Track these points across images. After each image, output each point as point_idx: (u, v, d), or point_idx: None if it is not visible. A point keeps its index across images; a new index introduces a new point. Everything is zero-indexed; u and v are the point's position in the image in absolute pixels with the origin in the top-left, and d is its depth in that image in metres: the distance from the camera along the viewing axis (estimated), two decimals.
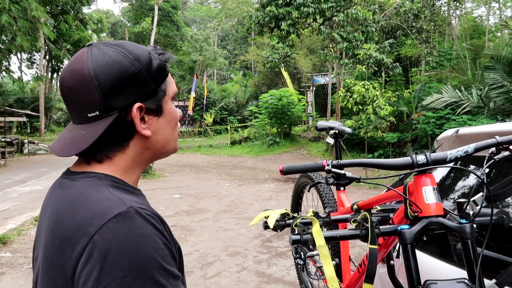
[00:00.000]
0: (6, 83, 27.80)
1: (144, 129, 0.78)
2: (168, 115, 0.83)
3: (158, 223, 0.70)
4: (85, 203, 0.70)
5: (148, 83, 0.77)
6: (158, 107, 0.80)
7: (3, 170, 13.87)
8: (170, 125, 0.84)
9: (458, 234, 1.07)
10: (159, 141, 0.83)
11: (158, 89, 0.80)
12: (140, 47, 0.80)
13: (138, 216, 0.67)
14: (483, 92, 10.75)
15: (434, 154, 1.14)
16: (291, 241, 1.13)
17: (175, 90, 0.86)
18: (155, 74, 0.79)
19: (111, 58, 0.75)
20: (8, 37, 14.80)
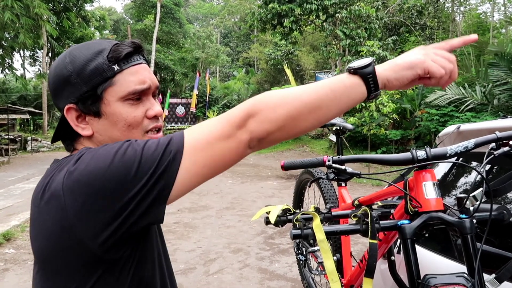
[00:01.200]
0: (9, 81, 27.92)
1: (83, 128, 0.82)
2: (111, 117, 0.80)
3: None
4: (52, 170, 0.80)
5: (79, 85, 0.78)
6: (93, 108, 0.80)
7: (6, 168, 13.95)
8: (115, 127, 0.81)
9: (458, 229, 1.08)
10: (107, 142, 0.80)
11: (91, 91, 0.79)
12: (90, 46, 0.81)
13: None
14: (487, 89, 10.70)
15: (434, 150, 1.14)
16: (291, 236, 1.13)
17: (129, 91, 0.80)
18: (88, 76, 0.78)
19: (57, 61, 0.82)
20: (11, 35, 14.85)
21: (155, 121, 0.85)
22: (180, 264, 4.43)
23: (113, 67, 0.79)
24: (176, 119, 26.85)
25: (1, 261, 4.67)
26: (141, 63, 0.84)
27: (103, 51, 0.80)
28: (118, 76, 0.80)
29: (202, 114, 27.34)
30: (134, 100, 0.81)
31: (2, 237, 5.41)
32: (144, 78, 0.82)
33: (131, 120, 0.81)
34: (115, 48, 0.80)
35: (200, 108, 27.24)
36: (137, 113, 0.81)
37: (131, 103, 0.81)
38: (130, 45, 0.82)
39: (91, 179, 0.68)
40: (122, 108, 0.80)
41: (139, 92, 0.81)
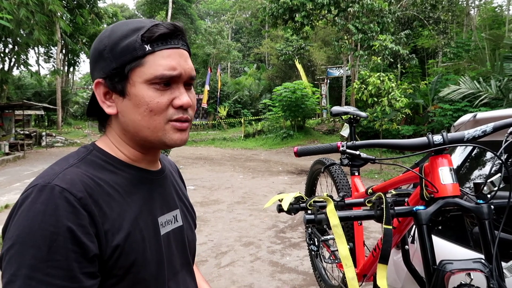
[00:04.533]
0: (25, 77, 28.34)
1: (108, 106, 0.80)
2: (134, 99, 0.77)
3: (71, 209, 0.68)
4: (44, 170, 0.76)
5: (110, 61, 0.76)
6: (119, 87, 0.77)
7: (22, 162, 14.19)
8: (137, 110, 0.77)
9: (475, 215, 1.06)
10: (129, 124, 0.79)
11: (119, 69, 0.76)
12: (128, 23, 0.79)
13: (49, 193, 0.68)
14: (502, 83, 10.49)
15: (451, 134, 1.12)
16: (305, 221, 1.13)
17: (157, 74, 0.76)
18: (119, 53, 0.76)
19: (100, 33, 0.81)
20: (26, 31, 15.05)
21: (181, 112, 0.80)
22: None
23: (144, 47, 0.75)
24: None
25: None
26: (178, 47, 0.79)
27: (141, 29, 0.76)
28: (149, 57, 0.76)
29: (213, 109, 27.43)
30: (161, 86, 0.77)
31: None
32: (175, 64, 0.77)
33: (153, 106, 0.76)
34: (152, 28, 0.76)
35: (211, 104, 27.32)
36: (161, 100, 0.77)
37: (157, 87, 0.76)
38: (168, 26, 0.77)
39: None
40: (147, 92, 0.76)
41: (167, 78, 0.77)
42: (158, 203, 0.86)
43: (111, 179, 0.78)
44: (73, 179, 0.72)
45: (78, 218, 0.68)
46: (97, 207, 0.72)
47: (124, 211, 0.77)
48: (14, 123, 18.58)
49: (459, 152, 1.73)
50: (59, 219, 0.66)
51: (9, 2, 12.07)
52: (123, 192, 0.78)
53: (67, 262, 0.66)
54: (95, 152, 0.81)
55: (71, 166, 0.75)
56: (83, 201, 0.70)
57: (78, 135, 24.51)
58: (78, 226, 0.67)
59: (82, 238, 0.67)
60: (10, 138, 17.35)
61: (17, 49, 16.87)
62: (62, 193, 0.68)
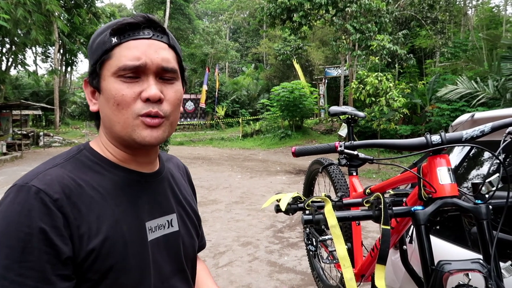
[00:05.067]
0: (22, 77, 28.26)
1: (93, 104, 0.81)
2: (105, 93, 0.76)
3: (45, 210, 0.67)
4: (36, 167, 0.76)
5: (90, 59, 0.78)
6: (95, 83, 0.78)
7: (19, 162, 14.15)
8: (107, 104, 0.75)
9: (473, 215, 1.06)
10: (105, 120, 0.79)
11: (95, 66, 0.77)
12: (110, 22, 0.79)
13: (25, 194, 0.68)
14: (499, 83, 10.52)
15: (449, 134, 1.12)
16: (303, 221, 1.12)
17: (120, 65, 0.73)
18: (94, 50, 0.77)
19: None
20: (23, 31, 15.00)
21: (151, 105, 0.75)
22: None
23: (111, 39, 0.74)
24: (186, 114, 26.95)
25: None
26: (149, 38, 0.76)
27: (115, 24, 0.76)
28: (116, 50, 0.74)
29: (211, 109, 27.41)
30: (128, 78, 0.74)
31: None
32: (139, 54, 0.74)
33: (119, 99, 0.74)
34: (121, 21, 0.75)
35: (210, 104, 27.30)
36: (127, 92, 0.74)
37: (123, 80, 0.74)
38: (136, 18, 0.76)
39: None
40: (113, 85, 0.74)
41: (131, 69, 0.73)
42: (147, 207, 0.82)
43: (96, 180, 0.76)
44: (52, 179, 0.70)
45: (52, 219, 0.67)
46: (74, 209, 0.70)
47: (104, 214, 0.74)
48: (11, 123, 18.53)
49: (457, 152, 1.73)
50: (33, 220, 0.66)
51: (6, 1, 12.03)
52: (106, 194, 0.75)
53: (40, 264, 0.65)
54: (85, 152, 0.80)
55: (55, 166, 0.74)
56: (59, 202, 0.68)
57: (76, 135, 24.45)
58: (51, 228, 0.66)
59: (55, 240, 0.66)
60: (7, 138, 17.29)
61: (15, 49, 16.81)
62: (38, 194, 0.67)
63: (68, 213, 0.69)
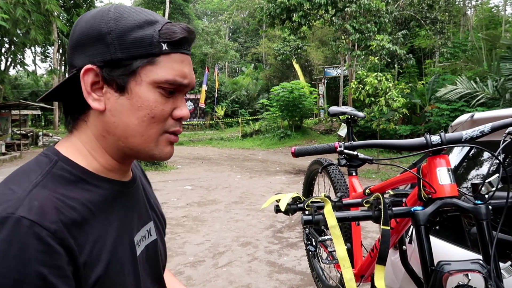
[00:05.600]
0: (21, 77, 28.26)
1: (94, 99, 0.66)
2: (136, 99, 0.66)
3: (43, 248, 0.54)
4: (1, 187, 0.61)
5: (114, 48, 0.65)
6: (120, 81, 0.66)
7: (18, 162, 14.15)
8: (137, 112, 0.66)
9: (473, 215, 1.06)
10: (118, 127, 0.67)
11: (127, 61, 0.65)
12: (142, 12, 0.69)
13: (13, 229, 0.53)
14: (499, 83, 10.53)
15: (449, 134, 1.12)
16: (303, 222, 1.12)
17: (167, 78, 0.67)
18: (130, 43, 0.65)
19: (95, 12, 0.68)
20: (23, 31, 14.99)
21: (179, 124, 0.72)
22: (189, 257, 4.45)
23: (161, 45, 0.66)
24: None
25: None
26: (188, 54, 0.71)
27: (156, 23, 0.67)
28: (163, 58, 0.67)
29: (211, 109, 27.41)
30: (166, 92, 0.68)
31: None
32: (187, 72, 0.70)
33: (157, 112, 0.67)
34: (170, 27, 0.67)
35: (209, 104, 27.31)
36: (165, 107, 0.68)
37: (163, 93, 0.68)
38: (186, 29, 0.69)
39: None
40: (153, 95, 0.67)
41: (177, 85, 0.69)
42: (134, 220, 0.75)
43: (85, 197, 0.64)
44: (42, 206, 0.57)
45: (53, 258, 0.54)
46: (73, 238, 0.58)
47: (102, 238, 0.64)
48: (10, 123, 18.51)
49: (456, 152, 1.73)
50: (27, 263, 0.52)
51: (6, 1, 12.02)
52: (98, 212, 0.65)
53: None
54: (61, 164, 0.66)
55: (36, 186, 0.60)
56: (58, 234, 0.56)
57: None
58: (52, 269, 0.54)
59: (56, 285, 0.54)
60: (6, 138, 17.27)
61: (14, 48, 16.81)
62: (31, 228, 0.54)
63: (70, 246, 0.57)
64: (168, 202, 7.28)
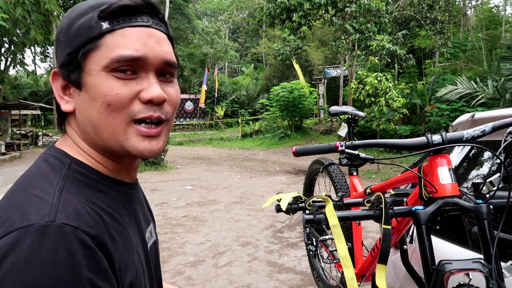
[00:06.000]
0: (21, 77, 28.23)
1: (66, 102, 0.64)
2: (90, 90, 0.60)
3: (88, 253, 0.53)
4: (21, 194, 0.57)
5: (65, 45, 0.62)
6: (74, 77, 0.61)
7: (18, 162, 14.14)
8: (93, 104, 0.60)
9: (474, 215, 1.06)
10: (87, 124, 0.63)
11: (74, 55, 0.61)
12: (87, 2, 0.63)
13: (60, 236, 0.51)
14: (499, 83, 10.54)
15: (450, 134, 1.12)
16: (304, 221, 1.12)
17: (114, 56, 0.59)
18: (73, 34, 0.60)
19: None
20: (22, 31, 15.00)
21: (151, 109, 0.62)
22: (189, 257, 4.45)
23: (101, 24, 0.59)
24: (185, 114, 26.96)
25: None
26: (147, 26, 0.62)
27: (103, 4, 0.60)
28: (107, 38, 0.59)
29: (211, 109, 27.41)
30: (124, 74, 0.60)
31: None
32: (139, 44, 0.60)
33: (111, 98, 0.59)
34: (114, 2, 0.60)
35: (209, 104, 27.30)
36: (122, 90, 0.60)
37: (118, 76, 0.60)
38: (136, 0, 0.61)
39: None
40: (105, 81, 0.59)
41: (128, 61, 0.60)
42: (142, 222, 0.73)
43: (103, 201, 0.62)
44: (77, 211, 0.55)
45: (98, 262, 0.53)
46: (111, 242, 0.57)
47: (126, 241, 0.63)
48: (10, 122, 18.52)
49: (457, 152, 1.73)
50: (75, 270, 0.50)
51: (5, 1, 12.02)
52: (117, 216, 0.63)
53: None
54: (75, 166, 0.63)
55: (62, 192, 0.57)
56: (98, 239, 0.55)
57: None
58: (98, 273, 0.53)
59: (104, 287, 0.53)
60: (6, 138, 17.27)
61: (13, 48, 16.81)
62: (74, 235, 0.52)
63: (109, 250, 0.56)
64: (168, 202, 7.28)
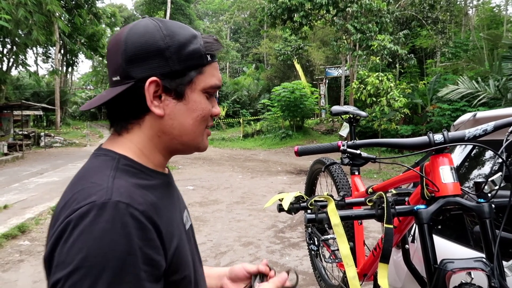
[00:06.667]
0: (23, 77, 28.31)
1: (156, 106, 0.76)
2: (191, 104, 0.78)
3: (138, 225, 0.65)
4: (80, 184, 0.70)
5: (173, 62, 0.75)
6: (178, 89, 0.77)
7: (20, 162, 14.17)
8: (191, 114, 0.79)
9: (476, 214, 1.06)
10: (175, 127, 0.78)
11: (184, 72, 0.76)
12: (184, 28, 0.79)
13: (113, 210, 0.64)
14: (500, 83, 10.51)
15: (451, 133, 1.12)
16: (306, 220, 1.13)
17: (212, 84, 0.80)
18: (185, 56, 0.76)
19: (145, 29, 0.76)
20: (24, 31, 15.02)
21: (213, 119, 0.86)
22: None
23: (207, 57, 0.79)
24: None
25: (17, 253, 4.75)
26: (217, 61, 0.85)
27: (197, 37, 0.79)
28: (207, 67, 0.80)
29: None
30: (209, 95, 0.81)
31: (17, 229, 5.49)
32: (220, 76, 0.84)
33: (206, 113, 0.81)
34: (207, 40, 0.81)
35: None
36: (209, 107, 0.82)
37: (207, 96, 0.81)
38: (217, 42, 0.82)
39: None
40: (202, 99, 0.80)
41: (215, 89, 0.82)
42: (179, 206, 0.87)
43: (148, 186, 0.75)
44: (128, 191, 0.68)
45: (146, 233, 0.65)
46: (157, 218, 0.69)
47: (169, 218, 0.76)
48: (12, 123, 18.57)
49: (459, 151, 1.73)
50: (128, 238, 0.63)
51: (8, 2, 12.05)
52: (159, 198, 0.76)
53: (139, 283, 0.63)
54: (123, 160, 0.76)
55: (115, 179, 0.70)
56: (146, 213, 0.67)
57: (76, 135, 24.47)
58: (147, 242, 0.65)
59: (151, 255, 0.65)
60: (8, 138, 17.32)
61: (16, 49, 16.84)
62: (127, 210, 0.65)
63: (156, 223, 0.68)
64: None
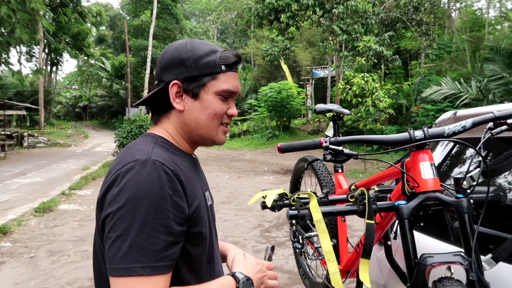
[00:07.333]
0: (6, 76, 27.73)
1: (177, 103, 0.99)
2: (204, 103, 0.99)
3: (169, 178, 0.86)
4: (128, 151, 0.94)
5: (191, 69, 0.98)
6: (194, 91, 0.99)
7: (3, 163, 13.87)
8: (204, 111, 1.00)
9: (455, 209, 1.08)
10: (192, 121, 1.00)
11: (199, 78, 0.98)
12: (205, 44, 1.02)
13: (151, 165, 0.86)
14: (482, 84, 10.73)
15: (431, 130, 1.14)
16: (288, 216, 1.13)
17: (224, 88, 1.00)
18: (201, 65, 0.98)
19: (177, 45, 1.02)
20: (7, 30, 14.73)
21: (229, 118, 1.06)
22: None
23: (221, 67, 1.00)
24: None
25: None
26: (237, 72, 1.05)
27: (217, 52, 1.00)
28: (221, 75, 1.00)
29: None
30: (223, 97, 1.01)
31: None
32: (236, 84, 1.04)
33: (218, 111, 1.01)
34: (225, 54, 1.01)
35: None
36: (223, 107, 1.02)
37: (221, 98, 1.01)
38: (235, 56, 1.03)
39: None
40: (215, 100, 1.00)
41: (230, 93, 1.02)
42: (202, 184, 1.07)
43: (178, 160, 0.96)
44: (163, 156, 0.90)
45: (175, 185, 0.86)
46: (183, 178, 0.90)
47: (193, 185, 0.96)
48: None
49: (440, 149, 1.76)
50: (162, 187, 0.84)
51: None
52: (186, 170, 0.96)
53: (168, 221, 0.84)
54: (160, 138, 0.99)
55: (154, 148, 0.93)
56: (175, 172, 0.88)
57: (61, 135, 24.09)
58: (175, 191, 0.86)
59: (179, 201, 0.86)
60: None
61: None
62: (161, 166, 0.86)
63: (182, 181, 0.89)
64: None
